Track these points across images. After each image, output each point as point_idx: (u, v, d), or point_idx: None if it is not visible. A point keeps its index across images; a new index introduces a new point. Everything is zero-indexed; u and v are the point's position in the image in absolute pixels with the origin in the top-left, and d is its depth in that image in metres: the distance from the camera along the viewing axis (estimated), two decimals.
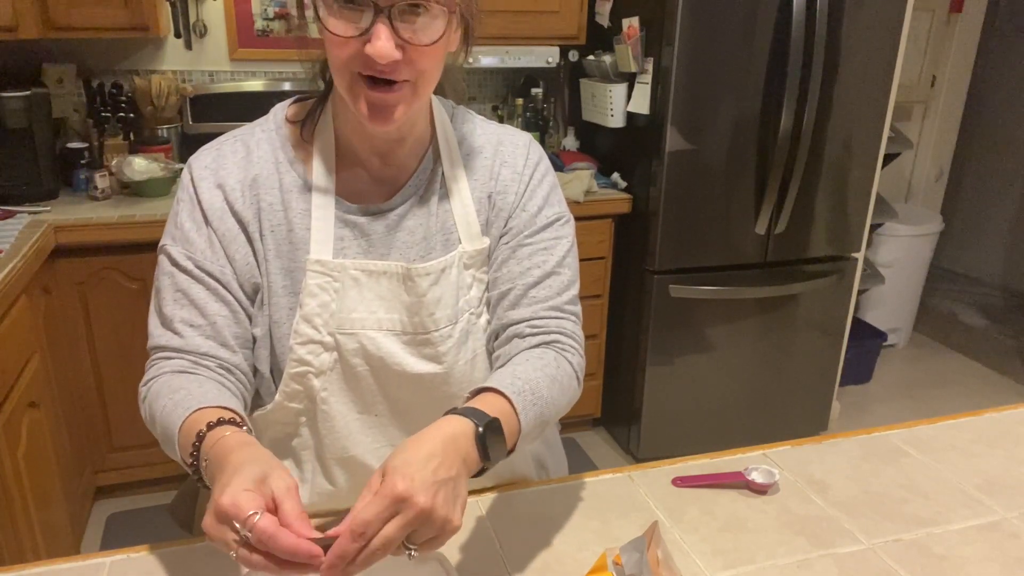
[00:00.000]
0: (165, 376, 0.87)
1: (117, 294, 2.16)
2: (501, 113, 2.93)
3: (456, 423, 0.74)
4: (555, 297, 0.97)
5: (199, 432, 0.75)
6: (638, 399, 2.62)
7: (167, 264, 0.91)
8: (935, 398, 3.24)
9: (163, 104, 2.49)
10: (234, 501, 0.64)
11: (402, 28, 0.78)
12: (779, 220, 2.49)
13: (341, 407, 0.96)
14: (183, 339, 0.88)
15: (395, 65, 0.80)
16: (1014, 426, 1.22)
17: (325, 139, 0.93)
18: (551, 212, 1.00)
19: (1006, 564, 0.90)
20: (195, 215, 0.91)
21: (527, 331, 0.95)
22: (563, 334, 0.95)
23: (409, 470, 0.67)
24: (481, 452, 0.74)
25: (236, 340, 0.91)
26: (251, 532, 0.62)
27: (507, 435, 0.78)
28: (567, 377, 0.92)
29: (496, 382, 0.83)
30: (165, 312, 0.90)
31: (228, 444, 0.72)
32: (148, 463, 2.34)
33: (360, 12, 0.78)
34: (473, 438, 0.74)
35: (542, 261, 0.97)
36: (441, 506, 0.67)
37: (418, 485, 0.66)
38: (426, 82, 0.85)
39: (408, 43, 0.79)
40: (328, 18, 0.79)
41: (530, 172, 1.00)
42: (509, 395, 0.81)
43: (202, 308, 0.89)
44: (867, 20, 2.38)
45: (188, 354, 0.88)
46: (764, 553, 0.92)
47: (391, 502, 0.65)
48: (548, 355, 0.92)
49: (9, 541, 1.58)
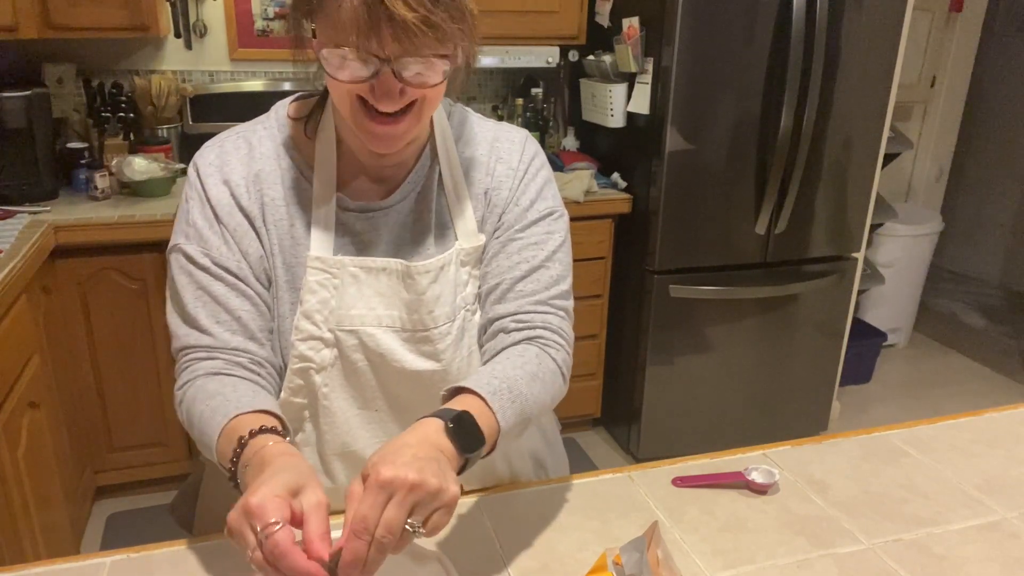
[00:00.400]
0: (200, 380, 0.88)
1: (117, 294, 2.16)
2: (501, 113, 2.93)
3: (425, 424, 0.76)
4: (542, 291, 0.96)
5: (240, 439, 0.76)
6: (638, 399, 2.62)
7: (184, 262, 0.91)
8: (935, 398, 3.24)
9: (163, 104, 2.49)
10: (261, 504, 0.64)
11: (405, 73, 0.79)
12: (779, 220, 2.49)
13: (342, 403, 0.97)
14: (212, 336, 0.89)
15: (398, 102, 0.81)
16: (1014, 426, 1.22)
17: (326, 137, 0.94)
18: (543, 206, 0.99)
19: (1006, 564, 0.90)
20: (206, 212, 0.91)
21: (512, 326, 0.95)
22: (548, 329, 0.95)
23: (388, 458, 0.69)
24: (456, 443, 0.75)
25: (262, 333, 0.92)
26: (267, 540, 0.63)
27: (486, 432, 0.79)
28: (549, 373, 0.92)
29: (471, 382, 0.83)
30: (188, 311, 0.90)
31: (271, 452, 0.73)
32: (148, 463, 2.34)
33: (364, 62, 0.78)
34: (444, 433, 0.75)
35: (531, 256, 0.97)
36: (432, 477, 0.68)
37: (401, 465, 0.67)
38: (428, 109, 0.86)
39: (411, 85, 0.80)
40: (331, 64, 0.79)
41: (524, 167, 1.00)
42: (484, 395, 0.82)
43: (225, 304, 0.90)
44: (867, 20, 2.38)
45: (220, 351, 0.89)
46: (764, 553, 0.92)
47: (380, 488, 0.66)
48: (530, 352, 0.92)
49: (9, 541, 1.58)
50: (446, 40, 0.79)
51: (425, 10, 0.75)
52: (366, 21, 0.75)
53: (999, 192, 4.37)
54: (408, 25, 0.74)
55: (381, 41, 0.76)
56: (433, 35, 0.76)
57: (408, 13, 0.74)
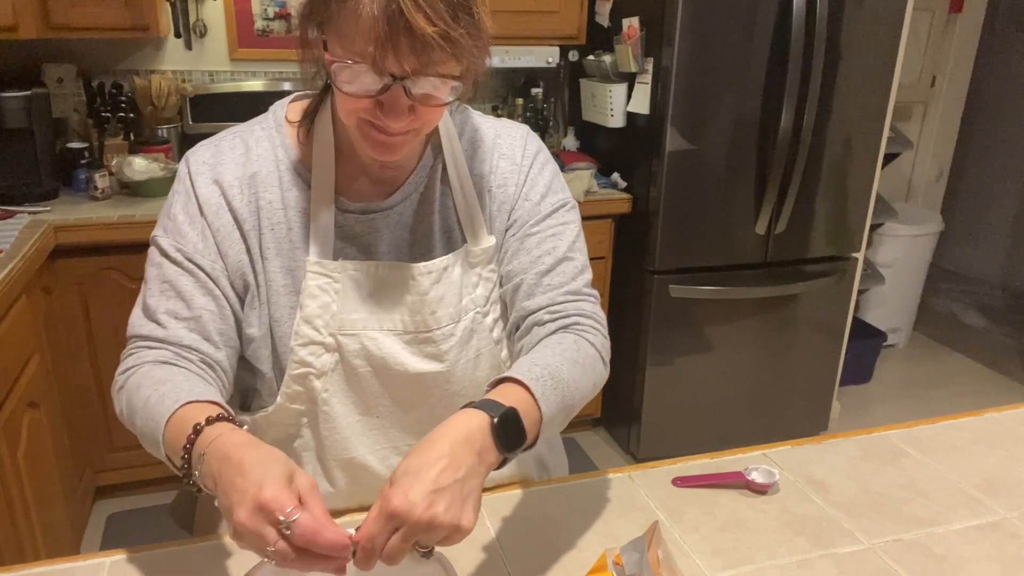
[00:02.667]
0: (147, 366, 0.85)
1: (117, 294, 2.16)
2: (501, 113, 2.93)
3: (471, 417, 0.74)
4: (570, 282, 0.96)
5: (196, 426, 0.73)
6: (638, 399, 2.62)
7: (156, 255, 0.90)
8: (935, 398, 3.24)
9: (163, 104, 2.49)
10: (276, 496, 0.64)
11: (415, 91, 0.78)
12: (779, 220, 2.49)
13: (342, 408, 0.96)
14: (166, 330, 0.87)
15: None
16: (1014, 426, 1.22)
17: (324, 138, 0.93)
18: (555, 199, 0.99)
19: (1006, 564, 0.90)
20: (189, 208, 0.90)
21: (546, 318, 0.94)
22: (582, 315, 0.94)
23: (406, 482, 0.67)
24: (499, 444, 0.73)
25: (220, 336, 0.89)
26: (292, 527, 0.63)
27: (528, 424, 0.77)
28: (589, 358, 0.91)
29: (514, 371, 0.82)
30: (149, 303, 0.88)
31: (234, 440, 0.71)
32: (148, 463, 2.33)
33: (377, 78, 0.77)
34: (489, 431, 0.73)
35: (552, 248, 0.97)
36: (444, 513, 0.67)
37: (412, 499, 0.66)
38: (430, 126, 0.86)
39: (420, 104, 0.80)
40: (341, 79, 0.78)
41: (529, 162, 1.00)
42: (527, 383, 0.80)
43: (188, 300, 0.88)
44: (867, 20, 2.38)
45: (170, 345, 0.87)
46: (764, 553, 0.92)
47: (387, 519, 0.66)
48: (568, 338, 0.91)
49: (9, 541, 1.58)
50: (461, 57, 0.78)
51: (445, 24, 0.74)
52: (385, 32, 0.73)
53: (999, 192, 4.36)
54: (427, 39, 0.73)
55: (398, 55, 0.74)
56: (451, 51, 0.75)
57: (428, 27, 0.73)
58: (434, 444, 0.71)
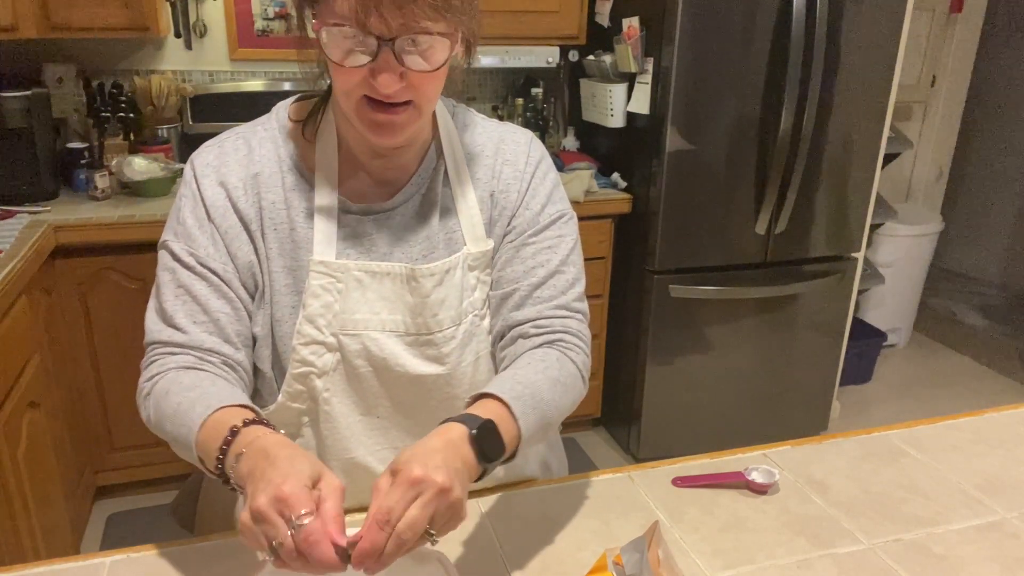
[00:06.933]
0: (172, 372, 0.86)
1: (117, 294, 2.16)
2: (501, 113, 2.93)
3: (451, 428, 0.75)
4: (560, 296, 0.96)
5: (233, 428, 0.75)
6: (638, 399, 2.62)
7: (169, 260, 0.90)
8: (935, 398, 3.24)
9: (163, 104, 2.49)
10: (295, 493, 0.65)
11: (406, 57, 0.79)
12: (779, 220, 2.49)
13: (343, 408, 0.96)
14: (186, 335, 0.88)
15: (399, 91, 0.81)
16: (1014, 426, 1.22)
17: (327, 139, 0.93)
18: (554, 210, 0.99)
19: (1006, 564, 0.90)
20: (198, 211, 0.91)
21: (532, 331, 0.95)
22: (568, 332, 0.95)
23: (421, 458, 0.69)
24: (477, 454, 0.75)
25: (239, 337, 0.91)
26: (300, 528, 0.63)
27: (507, 440, 0.78)
28: (570, 377, 0.92)
29: (495, 387, 0.83)
30: (166, 308, 0.89)
31: (271, 441, 0.73)
32: (148, 463, 2.34)
33: (364, 41, 0.78)
34: (468, 441, 0.74)
35: (546, 260, 0.97)
36: (458, 486, 0.69)
37: (433, 467, 0.68)
38: (429, 101, 0.86)
39: (411, 70, 0.80)
40: (331, 47, 0.79)
41: (532, 170, 1.00)
42: (507, 400, 0.81)
43: (204, 304, 0.89)
44: (867, 20, 2.38)
45: (192, 349, 0.88)
46: (764, 553, 0.92)
47: (410, 485, 0.67)
48: (551, 355, 0.92)
49: (9, 541, 1.58)
50: (446, 11, 0.78)
51: None
52: None
53: (999, 192, 4.36)
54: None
55: (380, 11, 0.75)
56: (433, 2, 0.76)
57: None
58: (428, 441, 0.73)
